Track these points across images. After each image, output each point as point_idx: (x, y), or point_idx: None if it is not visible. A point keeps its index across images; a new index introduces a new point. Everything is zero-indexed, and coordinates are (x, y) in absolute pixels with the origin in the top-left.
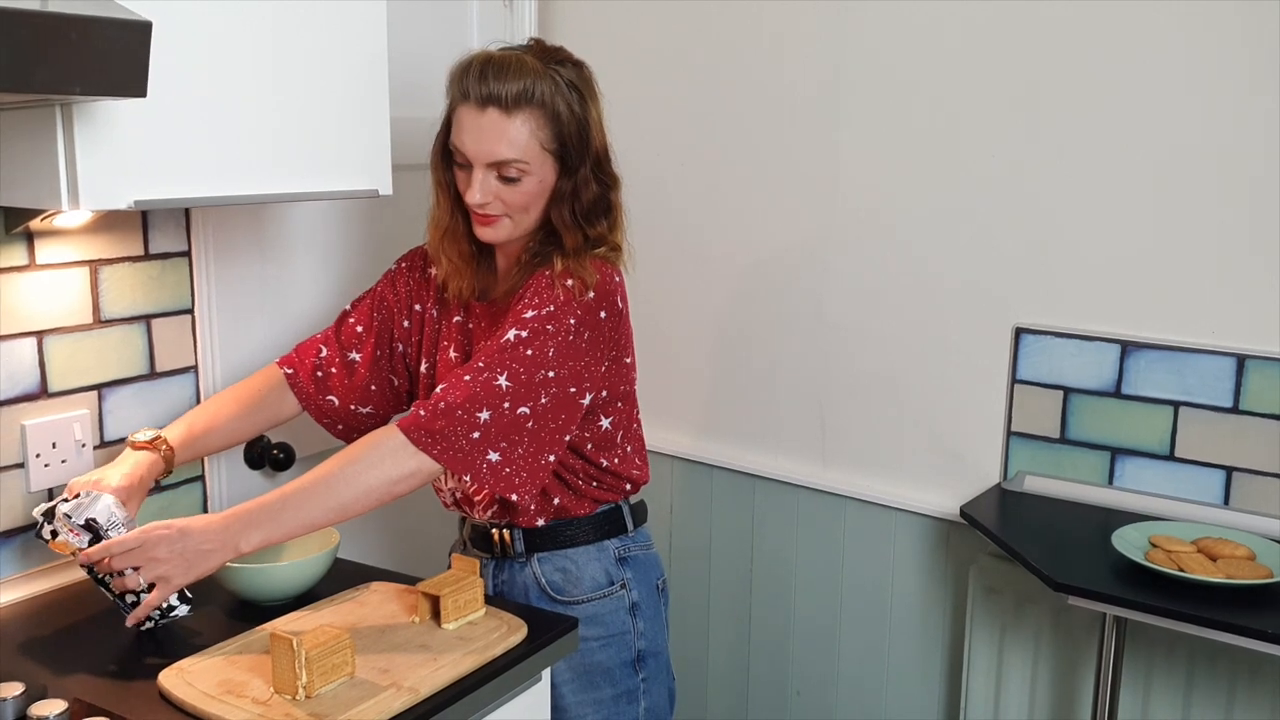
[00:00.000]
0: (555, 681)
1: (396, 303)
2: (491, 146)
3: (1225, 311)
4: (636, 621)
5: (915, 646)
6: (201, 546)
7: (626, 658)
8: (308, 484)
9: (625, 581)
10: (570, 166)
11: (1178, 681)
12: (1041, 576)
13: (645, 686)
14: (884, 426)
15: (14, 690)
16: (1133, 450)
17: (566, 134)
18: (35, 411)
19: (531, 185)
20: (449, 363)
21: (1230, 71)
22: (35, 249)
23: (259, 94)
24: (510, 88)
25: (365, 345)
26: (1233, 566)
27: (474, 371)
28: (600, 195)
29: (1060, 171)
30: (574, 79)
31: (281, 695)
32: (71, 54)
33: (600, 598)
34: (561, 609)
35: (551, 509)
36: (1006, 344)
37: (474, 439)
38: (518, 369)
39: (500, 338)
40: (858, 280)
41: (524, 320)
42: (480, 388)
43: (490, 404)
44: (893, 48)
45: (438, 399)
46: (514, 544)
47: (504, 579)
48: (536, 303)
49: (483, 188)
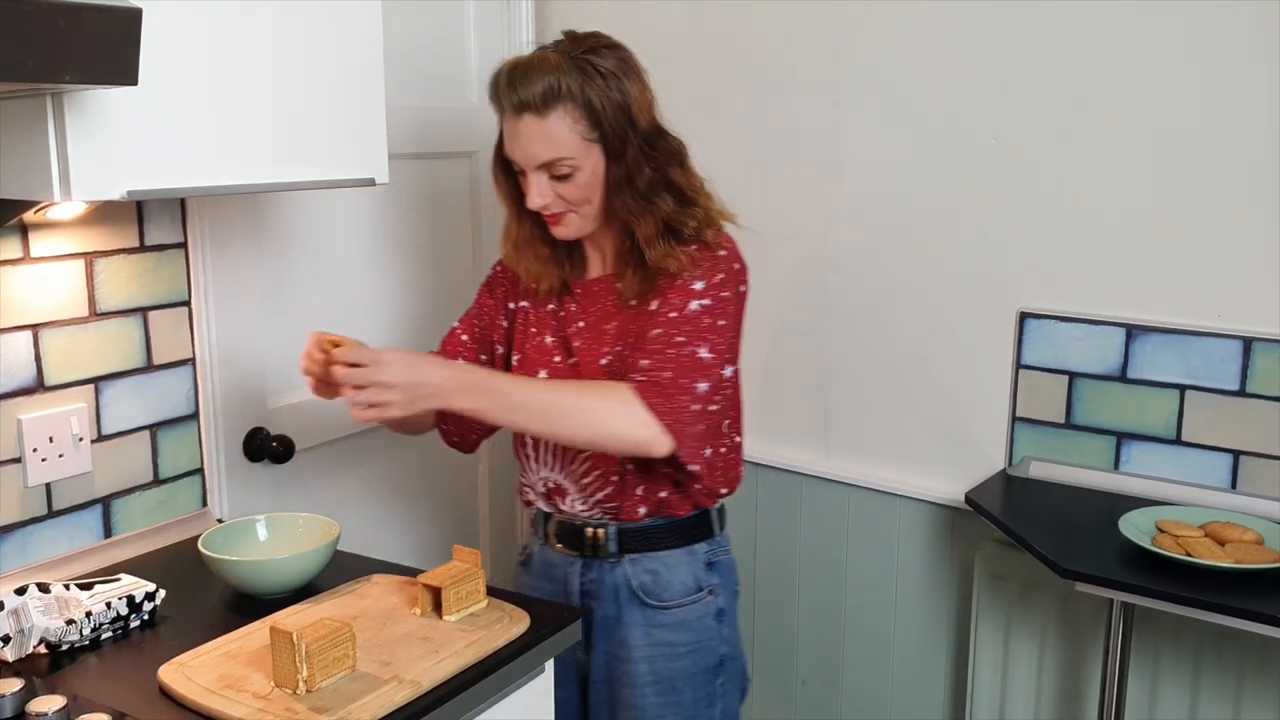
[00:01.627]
0: (637, 684)
1: (494, 307)
2: (534, 150)
3: (1231, 294)
4: (721, 628)
5: (921, 635)
6: (427, 387)
7: (710, 663)
8: (540, 397)
9: (713, 588)
10: (617, 151)
11: (1185, 667)
12: (1048, 563)
13: (722, 689)
14: (888, 413)
15: (13, 686)
16: (1139, 435)
17: (605, 120)
18: (32, 405)
19: (584, 177)
20: (545, 348)
21: (1233, 56)
22: (30, 241)
23: (253, 82)
24: (536, 90)
25: (470, 353)
26: (1241, 551)
27: (674, 346)
28: (655, 175)
29: (1064, 155)
30: (609, 64)
31: (282, 689)
32: (61, 42)
33: (690, 603)
34: (651, 613)
35: (655, 501)
36: (1011, 329)
37: (694, 411)
38: (715, 339)
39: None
40: (861, 266)
41: (695, 291)
42: (688, 361)
43: (705, 375)
44: (895, 33)
45: (648, 370)
46: (607, 543)
47: (592, 578)
48: (699, 274)
49: (540, 191)
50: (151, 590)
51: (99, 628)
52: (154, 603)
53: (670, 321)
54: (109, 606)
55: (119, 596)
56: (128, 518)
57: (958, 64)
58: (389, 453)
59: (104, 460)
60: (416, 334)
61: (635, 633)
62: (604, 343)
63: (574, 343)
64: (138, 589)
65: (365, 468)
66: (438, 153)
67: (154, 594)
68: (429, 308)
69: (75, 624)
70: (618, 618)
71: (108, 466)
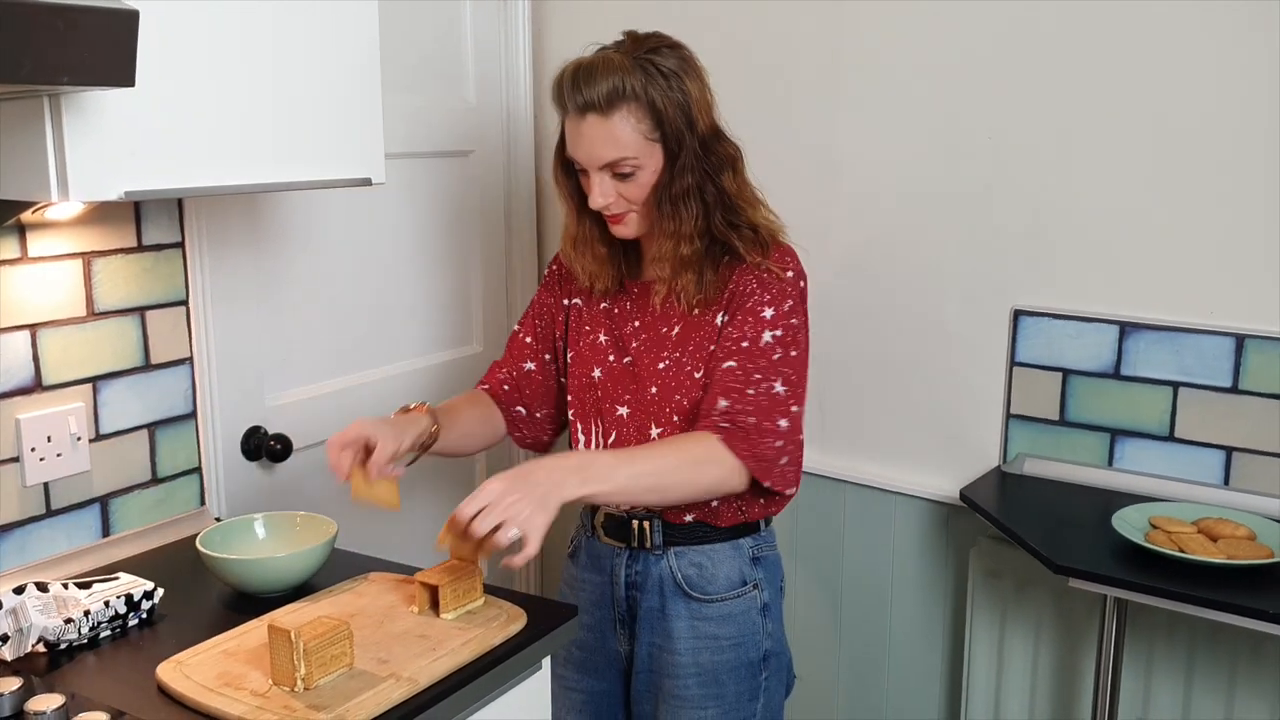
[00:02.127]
0: (682, 674)
1: (553, 305)
2: (599, 151)
3: (1224, 291)
4: (766, 623)
5: (916, 631)
6: (539, 485)
7: (754, 658)
8: (644, 466)
9: (758, 582)
10: (674, 151)
11: (1179, 662)
12: (1042, 559)
13: (766, 684)
14: (883, 410)
15: (12, 685)
16: (1132, 431)
17: (668, 120)
18: (30, 405)
19: (646, 177)
20: (599, 347)
21: (1229, 52)
22: (27, 242)
23: (251, 82)
24: (601, 90)
25: (537, 355)
26: (1233, 547)
27: (752, 385)
28: (704, 178)
29: (1059, 153)
30: (671, 64)
31: (280, 687)
32: (58, 44)
33: (734, 597)
34: (696, 606)
35: (704, 506)
36: (1005, 326)
37: (777, 448)
38: (789, 372)
39: (752, 341)
40: (856, 263)
41: (766, 320)
42: (766, 400)
43: (783, 412)
44: (890, 30)
45: (730, 416)
46: (653, 536)
47: (638, 569)
48: (769, 299)
49: (602, 190)
50: (150, 589)
51: (97, 626)
52: (152, 601)
53: (744, 353)
54: (107, 605)
55: (117, 595)
56: (126, 517)
57: (953, 63)
58: None
59: (102, 459)
60: (415, 331)
61: (680, 625)
62: (664, 346)
63: (630, 343)
64: (136, 588)
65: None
66: (434, 152)
67: (152, 593)
68: (426, 306)
69: (73, 623)
70: (662, 609)
71: (106, 466)
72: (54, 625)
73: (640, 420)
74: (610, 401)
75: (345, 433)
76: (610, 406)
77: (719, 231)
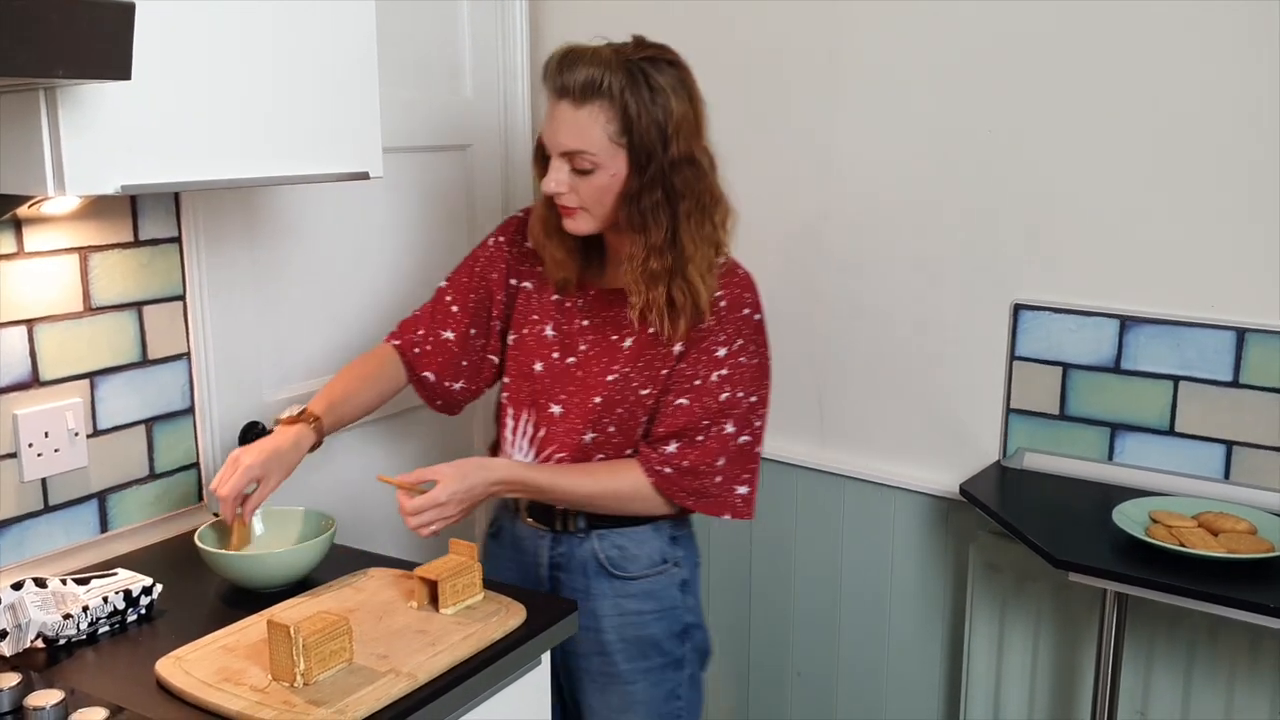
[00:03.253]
0: (610, 651)
1: (496, 282)
2: (561, 137)
3: (1225, 285)
4: (686, 597)
5: (916, 625)
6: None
7: (675, 630)
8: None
9: (678, 560)
10: (641, 165)
11: (1179, 657)
12: (1042, 553)
13: (688, 655)
14: (882, 405)
15: (11, 681)
16: (1133, 425)
17: (638, 130)
18: (27, 401)
19: (603, 179)
20: (544, 340)
21: (1228, 45)
22: (24, 236)
23: (248, 76)
24: (579, 78)
25: (460, 324)
26: (1234, 541)
27: (702, 431)
28: (660, 203)
29: (1059, 147)
30: (663, 78)
31: (280, 682)
32: (54, 36)
33: (656, 574)
34: (620, 584)
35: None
36: (1005, 320)
37: (718, 483)
38: (738, 412)
39: (704, 379)
40: (855, 257)
41: (719, 359)
42: (714, 442)
43: (725, 451)
44: (890, 26)
45: (677, 460)
46: (576, 520)
47: (561, 551)
48: (724, 338)
49: (556, 178)
50: (148, 584)
51: (96, 622)
52: (151, 597)
53: (695, 392)
54: (106, 601)
55: (116, 591)
56: (124, 512)
57: (953, 57)
58: (386, 446)
59: (100, 455)
60: None
61: (605, 603)
62: (615, 358)
63: (578, 343)
64: (134, 583)
65: (362, 460)
66: (432, 146)
67: (151, 588)
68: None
69: (72, 618)
70: (586, 590)
71: (103, 461)
72: (53, 621)
73: (574, 422)
74: (546, 397)
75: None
76: (545, 402)
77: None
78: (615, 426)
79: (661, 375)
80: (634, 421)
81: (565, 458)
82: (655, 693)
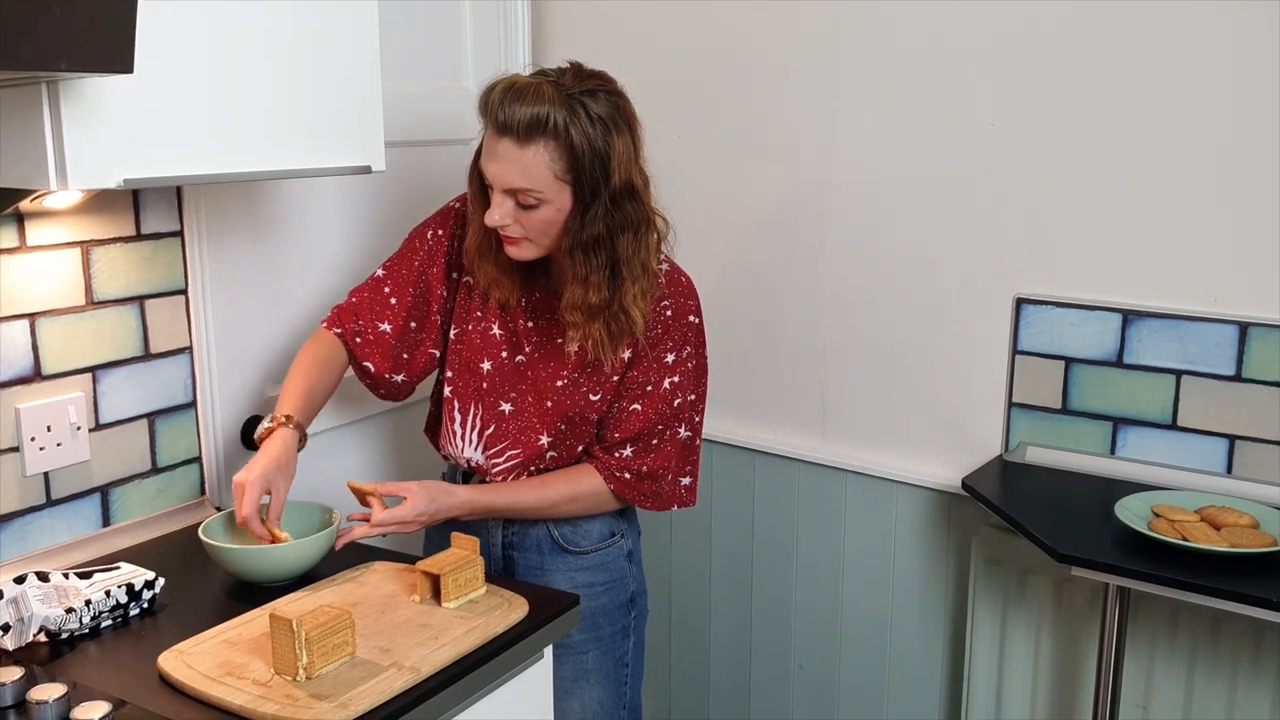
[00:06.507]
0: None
1: (436, 276)
2: (506, 175)
3: (1227, 279)
4: (631, 566)
5: (918, 619)
6: (439, 517)
7: (623, 599)
8: (534, 506)
9: (624, 532)
10: (584, 198)
11: (1181, 651)
12: (1044, 547)
13: (634, 623)
14: (884, 399)
15: (13, 675)
16: (1135, 420)
17: (582, 166)
18: (29, 395)
19: (548, 213)
20: (490, 339)
21: (1230, 38)
22: (26, 230)
23: (250, 69)
24: (523, 116)
25: (398, 317)
26: (1236, 535)
27: (657, 435)
28: (602, 235)
29: (1061, 140)
30: (602, 111)
31: (282, 676)
32: (56, 29)
33: (605, 547)
34: (573, 559)
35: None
36: (1007, 314)
37: (669, 480)
38: (689, 415)
39: (655, 385)
40: (857, 251)
41: (668, 366)
42: (669, 445)
43: (685, 449)
44: (891, 19)
45: (635, 465)
46: None
47: (514, 531)
48: (671, 345)
49: (501, 212)
50: (151, 578)
51: (98, 616)
52: (153, 591)
53: (649, 398)
54: (108, 595)
55: (118, 585)
56: (126, 506)
57: (955, 50)
58: (389, 439)
59: (102, 449)
60: None
61: (559, 578)
62: (562, 364)
63: (524, 343)
64: (137, 577)
65: (364, 454)
66: (434, 140)
67: (153, 582)
68: None
69: (75, 612)
70: (541, 566)
71: (106, 455)
72: (55, 615)
73: (527, 421)
74: (495, 395)
75: (250, 496)
76: (494, 400)
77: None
78: (568, 428)
79: (612, 381)
80: (586, 425)
81: (519, 456)
82: (605, 660)
